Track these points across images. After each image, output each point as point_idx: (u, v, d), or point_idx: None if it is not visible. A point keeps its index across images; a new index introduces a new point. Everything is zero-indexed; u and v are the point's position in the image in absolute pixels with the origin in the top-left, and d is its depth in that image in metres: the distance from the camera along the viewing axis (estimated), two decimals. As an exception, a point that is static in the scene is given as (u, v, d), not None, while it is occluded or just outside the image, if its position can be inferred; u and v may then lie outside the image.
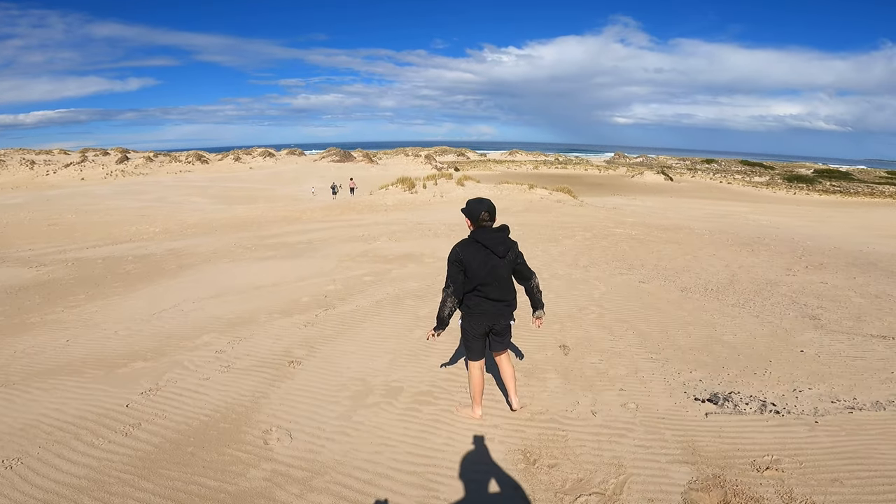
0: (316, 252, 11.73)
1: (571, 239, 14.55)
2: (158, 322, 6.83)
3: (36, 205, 31.11)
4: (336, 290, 8.16)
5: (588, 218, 21.15)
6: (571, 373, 5.20)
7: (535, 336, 6.16)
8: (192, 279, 9.37)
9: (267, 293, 8.06)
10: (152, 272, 10.31)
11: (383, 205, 26.13)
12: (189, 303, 7.71)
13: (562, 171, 66.37)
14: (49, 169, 54.31)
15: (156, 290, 8.72)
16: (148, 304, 7.81)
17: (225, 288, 8.52)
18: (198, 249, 13.38)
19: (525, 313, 4.92)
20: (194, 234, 18.52)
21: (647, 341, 6.08)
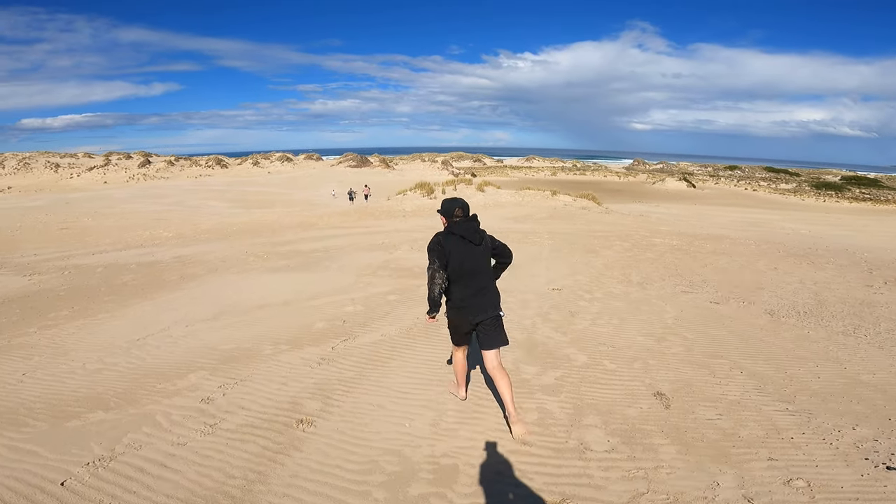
0: (332, 262, 10.37)
1: (610, 249, 13.04)
2: (139, 352, 5.48)
3: (55, 207, 30.46)
4: (356, 312, 6.75)
5: (618, 226, 19.57)
6: (687, 435, 3.74)
7: (616, 379, 4.71)
8: (193, 294, 8.05)
9: (274, 315, 6.68)
10: (151, 284, 9.04)
11: (402, 210, 24.80)
12: (182, 326, 6.36)
13: (580, 177, 64.43)
14: (73, 172, 54.23)
15: (149, 307, 7.42)
16: (135, 326, 6.49)
17: (227, 306, 7.17)
18: (206, 257, 12.13)
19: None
20: (207, 240, 17.36)
21: (766, 384, 4.65)
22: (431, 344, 5.56)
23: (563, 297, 7.73)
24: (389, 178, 55.19)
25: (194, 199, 36.20)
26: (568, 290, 8.18)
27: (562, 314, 6.81)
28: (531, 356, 5.32)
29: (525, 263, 10.41)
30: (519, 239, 14.31)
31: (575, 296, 7.79)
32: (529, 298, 7.55)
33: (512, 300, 7.42)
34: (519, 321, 6.47)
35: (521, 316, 6.68)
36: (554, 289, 8.21)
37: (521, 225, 19.18)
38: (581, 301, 7.50)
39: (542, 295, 7.78)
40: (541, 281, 8.83)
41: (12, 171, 52.48)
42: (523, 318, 6.58)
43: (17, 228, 21.61)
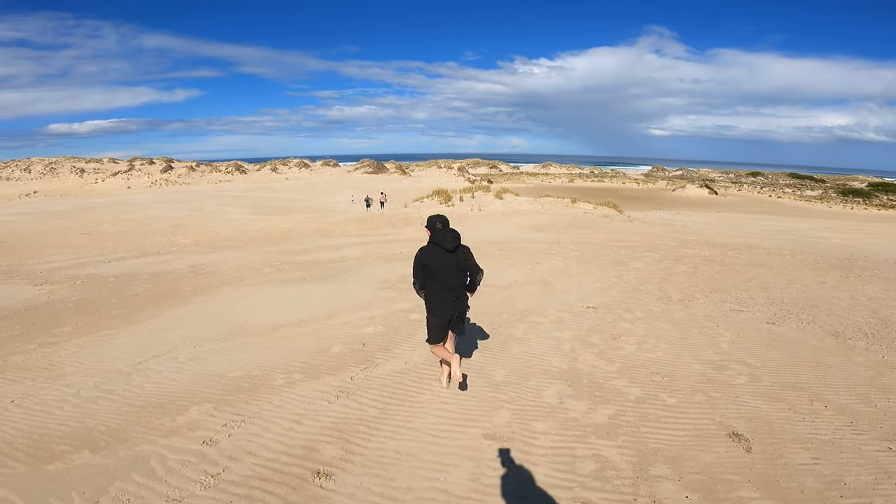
0: (350, 275, 9.80)
1: (640, 261, 12.28)
2: (140, 378, 4.93)
3: (77, 213, 30.63)
4: (377, 333, 6.13)
5: (644, 235, 18.73)
6: (781, 485, 3.10)
7: (680, 416, 4.04)
8: (203, 309, 7.54)
9: (288, 336, 6.10)
10: (162, 296, 8.57)
11: (419, 218, 24.24)
12: (189, 346, 5.82)
13: (598, 184, 63.23)
14: (97, 177, 54.99)
15: (156, 323, 6.91)
16: (139, 345, 5.97)
17: (238, 325, 6.62)
18: (221, 267, 11.68)
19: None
20: (224, 247, 17.00)
21: (858, 420, 3.99)
22: (469, 376, 4.91)
23: (600, 316, 7.03)
24: (405, 184, 54.82)
25: (213, 205, 36.19)
26: (604, 308, 7.47)
27: (603, 337, 6.11)
28: (577, 389, 4.65)
29: (554, 278, 9.72)
30: (543, 250, 13.61)
31: (613, 315, 7.08)
32: (565, 318, 6.86)
33: (546, 321, 6.74)
34: (557, 345, 5.79)
35: (559, 339, 6.00)
36: (589, 307, 7.51)
37: (543, 234, 18.45)
38: (621, 322, 6.80)
39: (578, 314, 7.09)
40: (573, 297, 8.13)
41: (39, 175, 53.38)
42: (561, 342, 5.90)
43: (40, 233, 21.58)
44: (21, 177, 52.17)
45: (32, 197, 48.31)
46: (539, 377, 4.89)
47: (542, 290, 8.63)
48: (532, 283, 9.13)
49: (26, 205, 37.61)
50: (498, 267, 10.75)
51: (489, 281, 9.22)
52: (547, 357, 5.42)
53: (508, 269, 10.55)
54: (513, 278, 9.61)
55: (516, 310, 7.21)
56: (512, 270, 10.37)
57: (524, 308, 7.33)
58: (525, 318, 6.85)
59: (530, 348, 5.68)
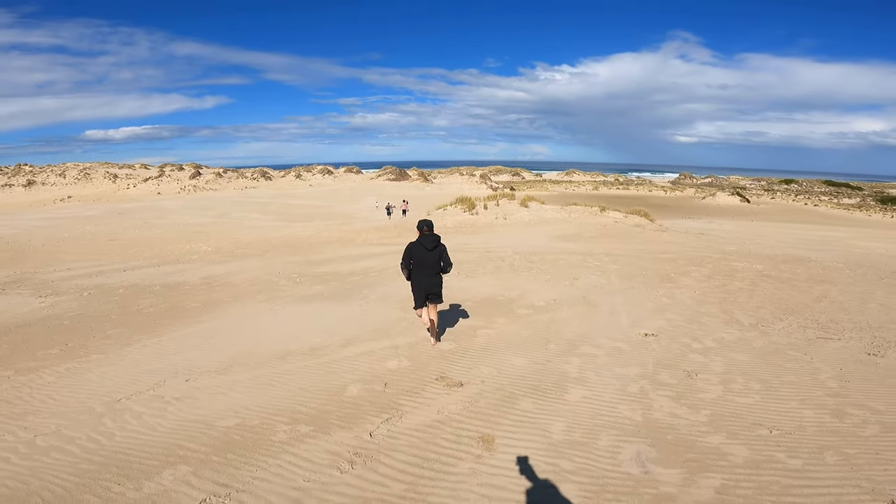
0: (372, 290, 8.83)
1: (689, 277, 11.02)
2: (112, 423, 4.01)
3: (107, 218, 30.66)
4: (401, 369, 5.10)
5: (681, 246, 17.35)
6: None
7: (818, 484, 2.97)
8: (208, 331, 6.64)
9: (297, 371, 5.12)
10: (167, 313, 7.74)
11: (442, 226, 23.25)
12: (180, 380, 4.90)
13: (624, 191, 61.17)
14: (129, 183, 55.82)
15: (152, 347, 6.03)
16: (126, 376, 5.08)
17: (242, 353, 5.69)
18: (236, 278, 10.88)
19: None
20: (244, 256, 16.32)
21: None
22: (514, 433, 3.84)
23: (663, 346, 5.87)
24: (427, 191, 54.01)
25: (238, 211, 35.96)
26: (666, 335, 6.30)
27: (676, 375, 4.97)
28: (663, 451, 3.53)
29: (597, 296, 8.57)
30: (577, 263, 12.43)
31: (680, 345, 5.91)
32: (623, 349, 5.73)
33: (601, 352, 5.62)
34: (622, 386, 4.67)
35: (623, 379, 4.87)
36: (647, 334, 6.35)
37: (572, 244, 17.24)
38: (692, 353, 5.63)
39: (637, 344, 5.95)
40: (624, 322, 6.98)
41: (73, 180, 54.41)
42: (627, 382, 4.77)
43: (65, 239, 21.36)
44: (56, 182, 53.24)
45: (67, 202, 49.20)
46: (609, 433, 3.80)
47: (586, 311, 7.49)
48: (574, 304, 8.00)
49: (59, 209, 38.08)
50: (532, 283, 9.65)
51: (526, 300, 8.13)
52: (614, 404, 4.32)
53: (544, 285, 9.44)
54: (550, 297, 8.50)
55: (563, 338, 6.11)
56: (548, 287, 9.25)
57: (572, 335, 6.21)
58: (576, 348, 5.75)
59: (591, 391, 4.58)
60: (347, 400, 4.36)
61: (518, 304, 7.79)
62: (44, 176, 54.12)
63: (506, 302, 7.95)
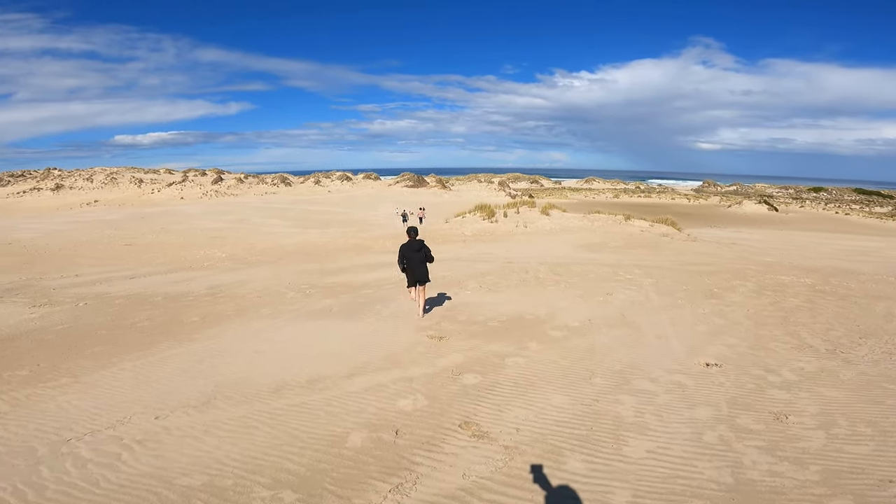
0: (385, 305, 7.96)
1: (734, 292, 9.94)
2: (49, 471, 3.20)
3: (128, 222, 30.59)
4: (416, 411, 4.19)
5: (716, 257, 16.13)
6: None
7: None
8: (198, 353, 5.83)
9: (291, 409, 4.25)
10: (161, 328, 6.98)
11: (461, 235, 22.35)
12: (149, 417, 4.07)
13: (646, 199, 59.33)
14: (154, 188, 56.38)
15: (130, 372, 5.22)
16: (88, 407, 4.27)
17: (232, 380, 4.85)
18: (243, 289, 10.14)
19: None
20: (257, 263, 15.67)
21: None
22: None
23: (733, 380, 4.85)
24: (445, 198, 53.19)
25: (257, 216, 35.67)
26: (732, 365, 5.28)
27: (760, 418, 3.96)
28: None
29: (637, 315, 7.54)
30: (608, 276, 11.38)
31: (753, 378, 4.88)
32: (685, 384, 4.72)
33: (659, 388, 4.62)
34: (696, 434, 3.68)
35: (694, 424, 3.87)
36: (709, 364, 5.33)
37: (598, 255, 16.16)
38: (772, 389, 4.61)
39: (700, 376, 4.93)
40: (677, 347, 5.96)
41: (100, 185, 55.13)
42: (701, 430, 3.78)
43: (82, 243, 21.10)
44: (84, 186, 54.03)
45: (93, 205, 49.82)
46: (690, 513, 2.82)
47: (629, 335, 6.48)
48: (613, 324, 7.00)
49: (84, 213, 38.38)
50: (562, 299, 8.66)
51: (558, 319, 7.13)
52: (690, 460, 3.34)
53: (575, 302, 8.44)
54: (585, 315, 7.50)
55: (609, 369, 5.12)
56: (580, 304, 8.25)
57: (619, 366, 5.23)
58: (627, 382, 4.76)
59: (656, 442, 3.60)
60: (348, 454, 3.46)
61: (550, 325, 6.82)
62: (72, 180, 55.04)
63: (536, 322, 6.98)
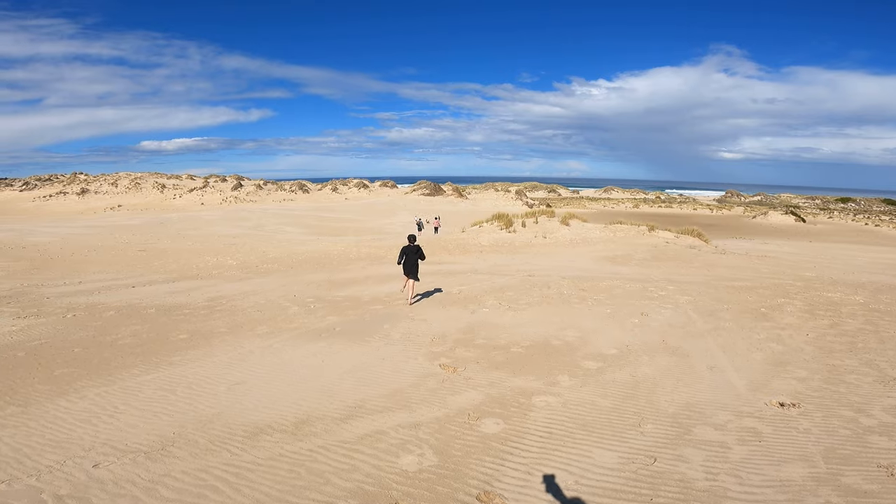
0: (395, 325, 7.08)
1: (783, 312, 8.91)
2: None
3: (146, 227, 30.47)
4: (422, 472, 3.28)
5: (752, 272, 14.91)
6: None
7: None
8: (174, 379, 5.02)
9: (263, 463, 3.38)
10: (142, 347, 6.21)
11: (478, 245, 21.42)
12: (86, 465, 3.23)
13: (667, 210, 57.56)
14: (176, 193, 56.85)
15: (89, 401, 4.42)
16: (21, 447, 3.48)
17: (201, 418, 4.01)
18: (245, 301, 9.40)
19: None
20: (266, 272, 15.01)
21: None
22: None
23: (820, 424, 3.84)
24: (461, 207, 52.38)
25: (274, 223, 35.35)
26: (812, 405, 4.25)
27: (871, 476, 2.96)
28: None
29: (681, 341, 6.51)
30: (638, 292, 10.33)
31: (843, 422, 3.86)
32: (761, 432, 3.72)
33: (729, 438, 3.62)
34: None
35: (789, 489, 2.90)
36: (783, 404, 4.31)
37: (624, 268, 15.07)
38: (871, 435, 3.64)
39: (777, 421, 3.92)
40: (737, 381, 4.94)
41: (124, 189, 55.83)
42: (802, 496, 2.82)
43: (96, 248, 20.78)
44: (108, 191, 54.77)
45: (116, 210, 50.38)
46: None
47: (677, 365, 5.48)
48: (654, 351, 6.00)
49: (106, 218, 38.59)
50: (591, 319, 7.67)
51: (591, 345, 6.11)
52: None
53: (607, 323, 7.44)
54: (621, 340, 6.51)
55: (662, 412, 4.15)
56: (613, 326, 7.26)
57: (673, 407, 4.24)
58: (686, 430, 3.79)
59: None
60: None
61: (582, 353, 5.85)
62: (97, 185, 55.85)
63: (565, 349, 6.02)
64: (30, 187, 56.36)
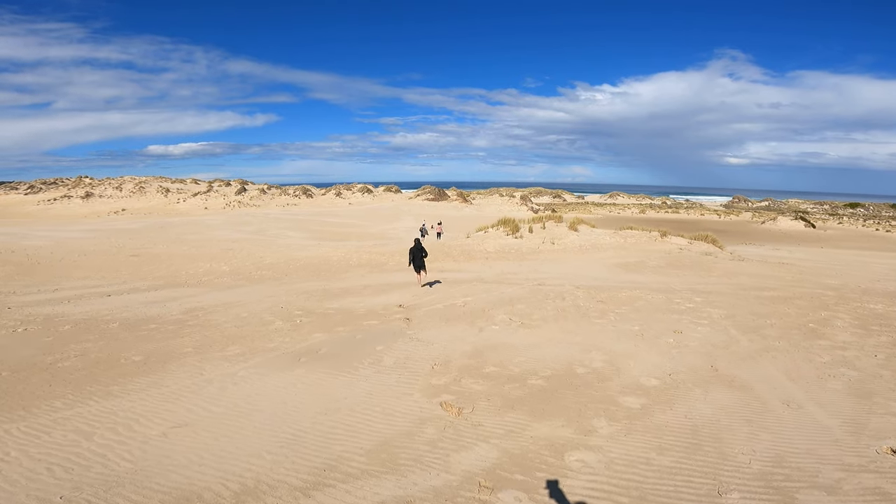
0: (389, 348, 5.94)
1: (833, 328, 7.80)
2: None
3: (145, 232, 29.54)
4: None
5: (776, 280, 13.69)
6: None
7: None
8: (98, 418, 3.91)
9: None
10: (82, 371, 5.11)
11: (483, 251, 20.26)
12: None
13: (674, 215, 56.10)
14: (180, 197, 56.10)
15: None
16: None
17: (110, 480, 2.90)
18: (224, 314, 8.31)
19: None
20: (259, 279, 13.95)
21: None
22: None
23: None
24: (466, 213, 51.25)
25: (275, 227, 34.36)
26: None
27: None
28: None
29: (734, 367, 5.32)
30: (662, 305, 9.16)
31: None
32: (889, 491, 2.55)
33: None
34: None
35: None
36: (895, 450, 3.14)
37: (640, 277, 13.88)
38: None
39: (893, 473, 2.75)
40: (827, 421, 3.77)
41: (129, 193, 55.07)
42: None
43: (87, 253, 19.81)
44: (113, 194, 54.04)
45: (120, 214, 49.62)
46: None
47: (741, 400, 4.31)
48: (706, 381, 4.83)
49: (107, 222, 37.75)
50: (617, 337, 6.49)
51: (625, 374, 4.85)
52: None
53: (637, 343, 6.27)
54: (661, 367, 5.34)
55: (743, 469, 2.99)
56: (646, 347, 6.08)
57: (758, 463, 3.08)
58: (790, 498, 2.63)
59: None
60: None
61: (617, 385, 4.69)
62: (102, 188, 55.19)
63: (594, 379, 4.86)
64: (34, 191, 55.78)
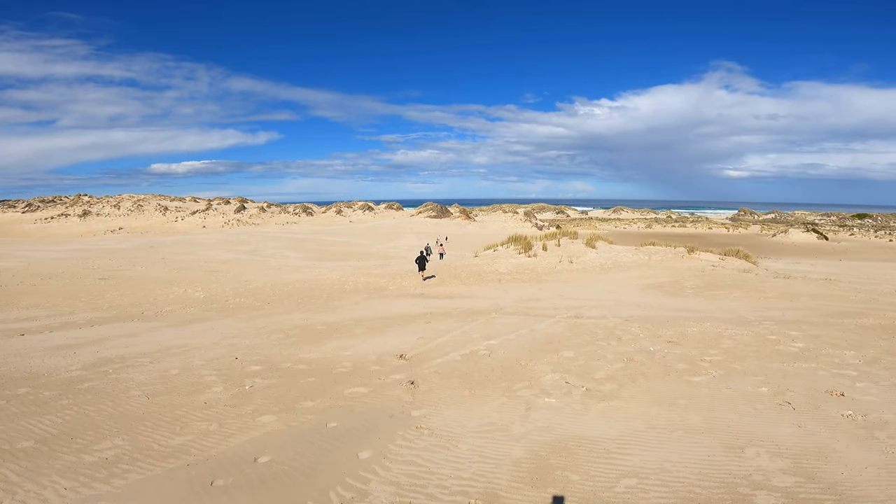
0: (378, 456, 3.36)
1: None
2: None
3: (132, 252, 26.98)
4: None
5: (843, 301, 11.19)
6: None
7: None
8: None
9: None
10: None
11: (495, 272, 17.60)
12: None
13: (681, 229, 53.57)
14: (178, 215, 53.79)
15: None
16: None
17: None
18: (142, 373, 5.73)
19: None
20: (231, 310, 11.41)
21: None
22: None
23: None
24: (469, 230, 48.76)
25: (272, 247, 31.86)
26: None
27: None
28: None
29: None
30: (759, 346, 6.58)
31: None
32: None
33: None
34: None
35: None
36: None
37: (686, 302, 11.27)
38: None
39: None
40: None
41: (127, 212, 52.80)
42: None
43: (52, 276, 17.23)
44: (110, 213, 51.75)
45: (116, 233, 47.24)
46: None
47: None
48: None
49: (97, 241, 35.25)
50: (750, 411, 3.84)
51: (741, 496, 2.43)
52: None
53: (799, 422, 3.63)
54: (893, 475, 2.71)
55: None
56: (820, 430, 3.45)
57: None
58: None
59: None
60: None
61: None
62: (99, 206, 52.93)
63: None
64: (32, 209, 53.54)
